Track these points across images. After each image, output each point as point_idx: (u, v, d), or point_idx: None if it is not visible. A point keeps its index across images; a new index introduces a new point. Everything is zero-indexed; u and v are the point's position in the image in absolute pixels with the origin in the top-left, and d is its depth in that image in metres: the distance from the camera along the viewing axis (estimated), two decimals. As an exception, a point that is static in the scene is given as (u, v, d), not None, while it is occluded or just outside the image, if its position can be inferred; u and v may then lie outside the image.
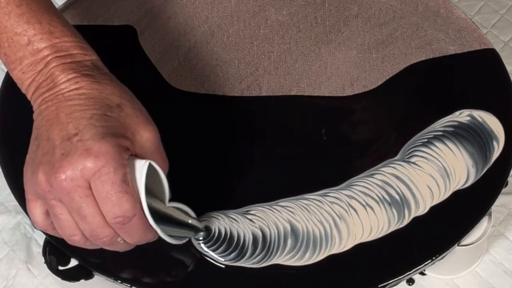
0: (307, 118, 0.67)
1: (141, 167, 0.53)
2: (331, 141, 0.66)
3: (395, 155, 0.65)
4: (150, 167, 0.53)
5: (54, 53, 0.55)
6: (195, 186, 0.64)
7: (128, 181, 0.52)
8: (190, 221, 0.59)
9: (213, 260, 0.61)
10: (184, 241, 0.59)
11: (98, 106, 0.53)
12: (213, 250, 0.61)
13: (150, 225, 0.54)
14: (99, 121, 0.52)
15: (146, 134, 0.55)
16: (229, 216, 0.62)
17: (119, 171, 0.51)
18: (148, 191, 0.54)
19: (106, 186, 0.51)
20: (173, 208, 0.58)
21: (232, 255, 0.61)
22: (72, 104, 0.53)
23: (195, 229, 0.59)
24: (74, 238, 0.54)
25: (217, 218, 0.62)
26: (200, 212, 0.62)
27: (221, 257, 0.61)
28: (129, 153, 0.53)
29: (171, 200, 0.57)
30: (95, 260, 0.61)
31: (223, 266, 0.60)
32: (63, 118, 0.52)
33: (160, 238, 0.56)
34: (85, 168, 0.51)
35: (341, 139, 0.66)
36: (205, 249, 0.61)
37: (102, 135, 0.52)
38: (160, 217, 0.55)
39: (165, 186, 0.56)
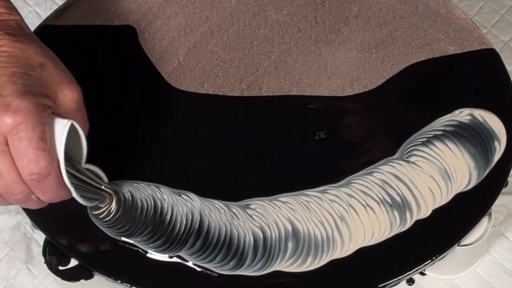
0: (307, 118, 0.67)
1: (62, 127, 0.54)
2: (331, 140, 0.66)
3: (394, 153, 0.65)
4: (71, 127, 0.54)
5: None
6: (195, 184, 0.64)
7: (46, 139, 0.52)
8: (102, 186, 0.60)
9: (209, 272, 0.60)
10: (94, 203, 0.60)
11: (20, 65, 0.54)
12: (211, 260, 0.60)
13: (65, 184, 0.54)
14: (20, 79, 0.53)
15: (69, 94, 0.55)
16: (231, 210, 0.62)
17: (37, 128, 0.52)
18: (66, 151, 0.54)
19: (23, 143, 0.51)
20: (88, 170, 0.59)
21: (231, 263, 0.60)
22: None
23: (106, 194, 0.61)
24: None
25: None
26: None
27: (218, 267, 0.60)
28: (49, 112, 0.54)
29: (87, 162, 0.58)
30: (95, 260, 0.62)
31: (220, 278, 0.60)
32: None
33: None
34: (3, 124, 0.51)
35: (340, 138, 0.66)
36: (202, 261, 0.61)
37: (22, 92, 0.52)
38: (75, 178, 0.56)
39: (83, 147, 0.57)
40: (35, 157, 0.52)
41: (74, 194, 0.56)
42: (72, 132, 0.55)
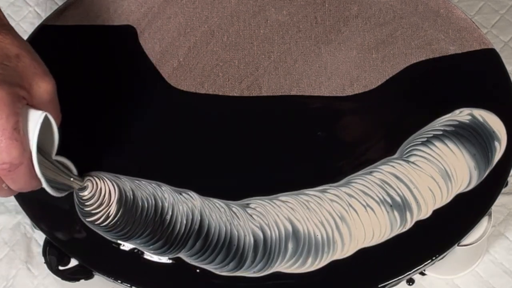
0: (307, 118, 0.67)
1: (36, 118, 0.54)
2: (331, 139, 0.66)
3: (394, 153, 0.65)
4: (45, 118, 0.55)
5: None
6: (196, 182, 0.64)
7: (19, 129, 0.52)
8: (71, 178, 0.61)
9: (210, 273, 0.60)
10: (64, 194, 0.61)
11: None
12: (211, 261, 0.60)
13: (36, 174, 0.55)
14: None
15: (44, 85, 0.55)
16: (231, 209, 0.62)
17: (11, 118, 0.52)
18: (38, 142, 0.54)
19: None
20: (58, 162, 0.59)
21: (231, 264, 0.60)
22: None
23: (76, 185, 0.62)
24: None
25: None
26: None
27: (218, 268, 0.60)
28: (24, 103, 0.54)
29: (57, 154, 0.59)
30: (95, 260, 0.62)
31: (220, 279, 0.60)
32: None
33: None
34: None
35: (340, 138, 0.66)
36: (202, 262, 0.61)
37: None
38: (46, 169, 0.57)
39: (55, 139, 0.57)
40: (7, 147, 0.52)
41: (44, 185, 0.57)
42: (45, 123, 0.55)
